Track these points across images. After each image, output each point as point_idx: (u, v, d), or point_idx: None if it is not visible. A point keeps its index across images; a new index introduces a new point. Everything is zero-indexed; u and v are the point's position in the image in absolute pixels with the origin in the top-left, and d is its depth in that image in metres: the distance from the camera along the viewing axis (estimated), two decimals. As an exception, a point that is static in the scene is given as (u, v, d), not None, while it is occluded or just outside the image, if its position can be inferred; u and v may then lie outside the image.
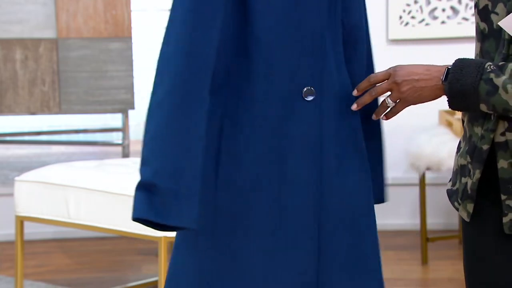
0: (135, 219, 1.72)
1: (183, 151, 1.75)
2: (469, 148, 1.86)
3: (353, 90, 1.93)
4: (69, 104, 4.34)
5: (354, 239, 1.90)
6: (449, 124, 4.20)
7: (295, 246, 1.86)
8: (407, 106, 1.87)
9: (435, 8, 4.66)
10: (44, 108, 4.34)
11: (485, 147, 1.81)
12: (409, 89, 1.83)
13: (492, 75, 1.73)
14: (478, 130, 1.83)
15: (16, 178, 3.52)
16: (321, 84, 1.85)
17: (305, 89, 1.84)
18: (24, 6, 4.28)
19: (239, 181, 1.85)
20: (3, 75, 4.29)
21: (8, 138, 4.95)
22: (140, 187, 1.73)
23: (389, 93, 1.86)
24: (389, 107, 1.89)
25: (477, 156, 1.82)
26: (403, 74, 1.84)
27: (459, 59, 1.80)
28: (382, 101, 1.90)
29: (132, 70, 4.35)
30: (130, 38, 4.34)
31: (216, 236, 1.88)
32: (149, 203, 1.73)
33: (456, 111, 4.18)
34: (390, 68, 1.88)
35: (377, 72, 1.90)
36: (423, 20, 4.61)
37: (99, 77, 4.33)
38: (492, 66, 1.74)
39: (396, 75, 1.85)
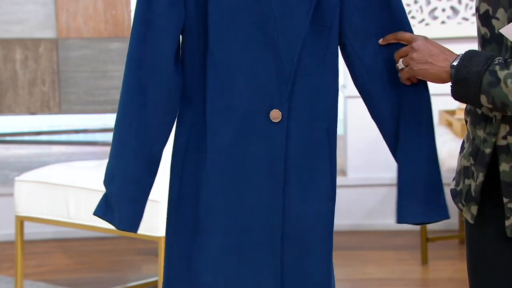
0: (94, 214, 1.90)
1: (116, 158, 1.85)
2: (472, 150, 1.86)
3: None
4: (69, 104, 4.33)
5: (309, 265, 1.88)
6: (449, 124, 4.20)
7: (259, 270, 1.85)
8: (412, 75, 1.85)
9: (435, 8, 4.66)
10: (44, 108, 4.33)
11: (488, 150, 1.81)
12: (419, 59, 1.82)
13: (497, 68, 1.73)
14: (481, 133, 1.83)
15: (16, 178, 3.51)
16: (290, 107, 1.82)
17: (272, 111, 1.82)
18: (24, 6, 4.28)
19: (200, 199, 1.86)
20: (3, 75, 4.29)
21: (8, 138, 4.95)
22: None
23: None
24: (399, 69, 1.87)
25: (480, 159, 1.82)
26: (422, 44, 1.83)
27: (471, 49, 1.80)
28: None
29: (132, 70, 4.35)
30: (130, 38, 4.34)
31: (178, 244, 1.90)
32: (105, 203, 1.89)
33: (456, 112, 4.17)
34: (418, 35, 1.87)
35: (406, 32, 1.88)
36: (423, 20, 4.61)
37: (99, 77, 4.33)
38: (500, 60, 1.74)
39: (417, 43, 1.84)
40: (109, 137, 5.09)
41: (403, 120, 1.90)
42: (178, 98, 1.85)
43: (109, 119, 5.14)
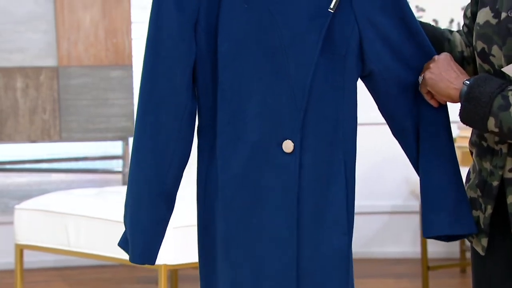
0: (118, 245, 1.90)
1: (130, 187, 1.86)
2: (479, 182, 1.86)
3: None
4: (69, 132, 4.34)
5: None
6: (449, 152, 4.19)
7: None
8: (426, 87, 1.83)
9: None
10: (45, 136, 4.33)
11: (495, 183, 1.81)
12: (434, 70, 1.81)
13: (510, 93, 1.73)
14: (487, 166, 1.83)
15: (16, 206, 3.51)
16: (302, 137, 1.80)
17: (285, 142, 1.79)
18: (25, 35, 4.29)
19: (217, 227, 1.84)
20: (4, 103, 4.30)
21: (8, 166, 4.94)
22: None
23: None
24: (419, 83, 1.85)
25: (488, 191, 1.83)
26: (443, 58, 1.82)
27: (485, 73, 1.81)
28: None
29: (132, 97, 4.35)
30: (131, 66, 4.35)
31: (204, 270, 1.90)
32: (125, 234, 1.88)
33: (456, 140, 4.17)
34: (444, 53, 1.85)
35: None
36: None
37: (99, 105, 4.33)
38: None
39: (439, 56, 1.83)
40: (109, 164, 5.08)
41: (423, 131, 1.87)
42: (192, 128, 1.85)
43: (110, 147, 5.13)
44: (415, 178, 4.16)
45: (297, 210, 1.80)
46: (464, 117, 1.78)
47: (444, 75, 1.80)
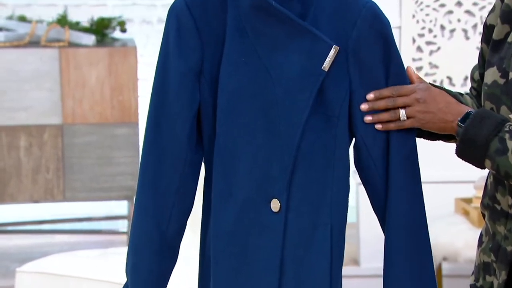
0: None
1: (131, 241, 1.83)
2: (492, 246, 1.81)
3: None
4: (73, 191, 4.31)
5: None
6: (466, 213, 4.13)
7: None
8: (416, 126, 1.76)
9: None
10: (48, 196, 4.30)
11: (510, 248, 1.77)
12: (426, 114, 1.74)
13: (507, 136, 1.69)
14: (501, 229, 1.79)
15: (17, 269, 3.47)
16: (289, 197, 1.74)
17: (273, 200, 1.75)
18: (30, 93, 4.30)
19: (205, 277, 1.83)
20: (7, 163, 4.30)
21: (10, 228, 4.93)
22: None
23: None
24: (399, 119, 1.76)
25: (502, 256, 1.78)
26: (427, 97, 1.74)
27: (483, 108, 1.76)
28: (395, 110, 1.76)
29: (138, 155, 4.35)
30: (137, 123, 4.34)
31: None
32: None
33: (473, 200, 4.10)
34: (418, 84, 1.77)
35: (404, 86, 1.76)
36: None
37: (104, 163, 4.33)
38: (511, 127, 1.70)
39: (421, 95, 1.74)
40: (114, 225, 5.09)
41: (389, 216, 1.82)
42: (195, 179, 1.82)
43: (114, 207, 5.13)
44: (430, 240, 4.06)
45: (280, 272, 1.75)
46: (461, 156, 1.74)
47: (438, 115, 1.74)
